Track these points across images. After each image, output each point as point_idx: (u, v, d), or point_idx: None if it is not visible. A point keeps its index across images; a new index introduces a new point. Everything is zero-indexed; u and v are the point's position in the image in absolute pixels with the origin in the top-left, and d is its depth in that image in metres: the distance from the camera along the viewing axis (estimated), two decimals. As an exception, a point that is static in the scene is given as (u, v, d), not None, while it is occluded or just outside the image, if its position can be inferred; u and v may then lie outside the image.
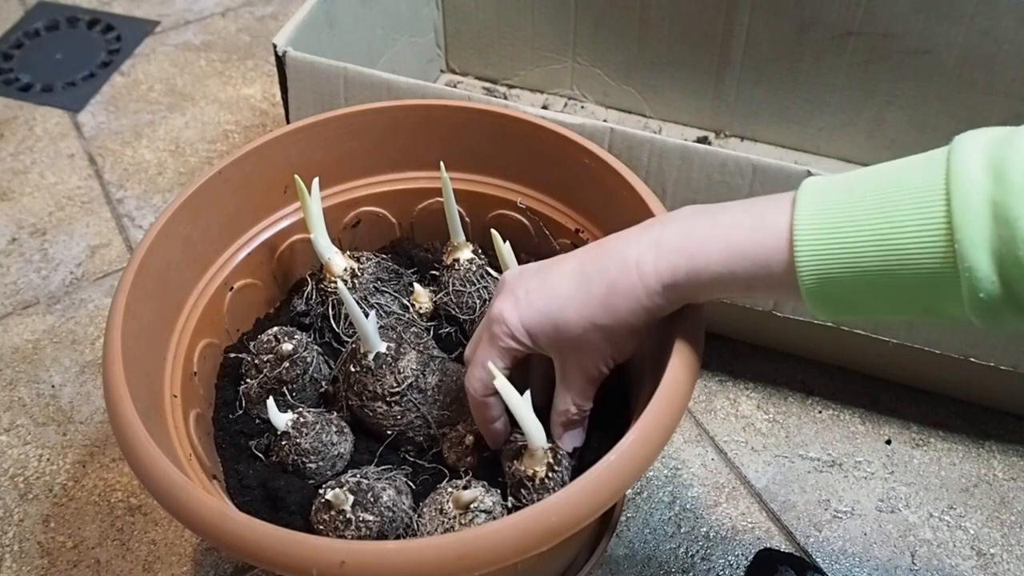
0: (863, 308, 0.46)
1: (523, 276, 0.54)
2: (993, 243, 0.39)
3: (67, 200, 1.03)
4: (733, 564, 0.73)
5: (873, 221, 0.43)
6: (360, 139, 0.70)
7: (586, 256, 0.52)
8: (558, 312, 0.51)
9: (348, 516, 0.54)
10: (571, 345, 0.53)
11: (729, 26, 0.97)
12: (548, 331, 0.52)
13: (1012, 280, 0.39)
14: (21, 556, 0.74)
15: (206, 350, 0.64)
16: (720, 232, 0.48)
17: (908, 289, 0.43)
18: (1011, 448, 0.80)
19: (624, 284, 0.49)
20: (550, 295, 0.52)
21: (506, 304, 0.53)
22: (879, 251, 0.42)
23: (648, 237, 0.50)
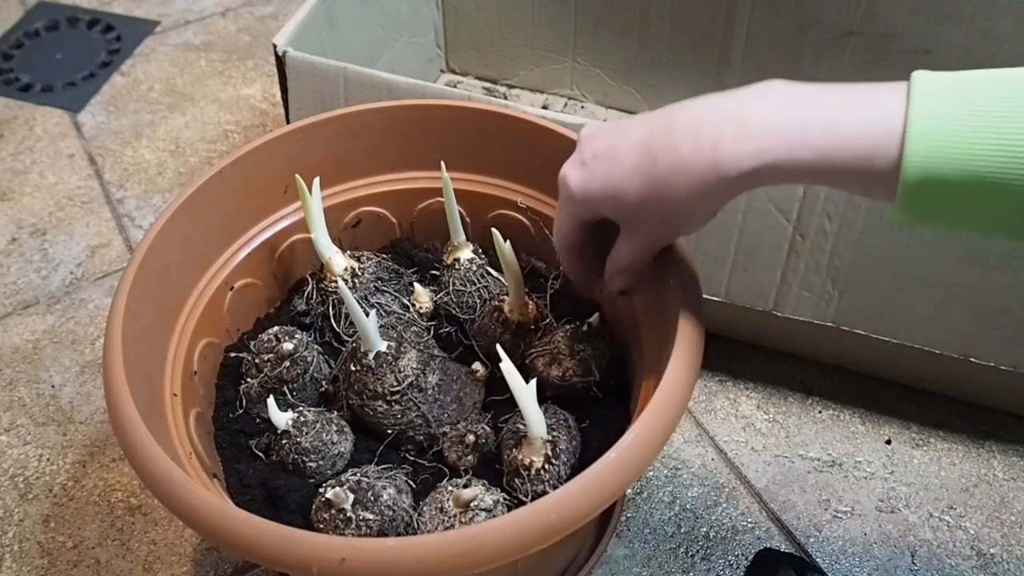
0: (955, 216, 0.42)
1: (596, 136, 0.51)
2: None
3: (67, 200, 1.03)
4: (733, 564, 0.73)
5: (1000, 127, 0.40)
6: (360, 139, 0.70)
7: (657, 123, 0.48)
8: (619, 185, 0.48)
9: (348, 515, 0.54)
10: (633, 216, 0.50)
11: (729, 26, 0.97)
12: (609, 202, 0.50)
13: None
14: (21, 556, 0.74)
15: (206, 349, 0.64)
16: (820, 115, 0.44)
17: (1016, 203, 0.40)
18: (1011, 448, 0.80)
19: (693, 165, 0.45)
20: (613, 165, 0.49)
21: (573, 168, 0.51)
22: (1003, 159, 0.40)
23: (732, 112, 0.45)
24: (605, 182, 0.49)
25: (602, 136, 0.50)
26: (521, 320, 0.66)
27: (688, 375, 0.52)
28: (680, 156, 0.46)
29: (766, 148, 0.44)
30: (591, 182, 0.50)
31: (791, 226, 0.71)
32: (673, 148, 0.46)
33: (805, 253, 0.72)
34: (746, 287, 0.75)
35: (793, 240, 0.72)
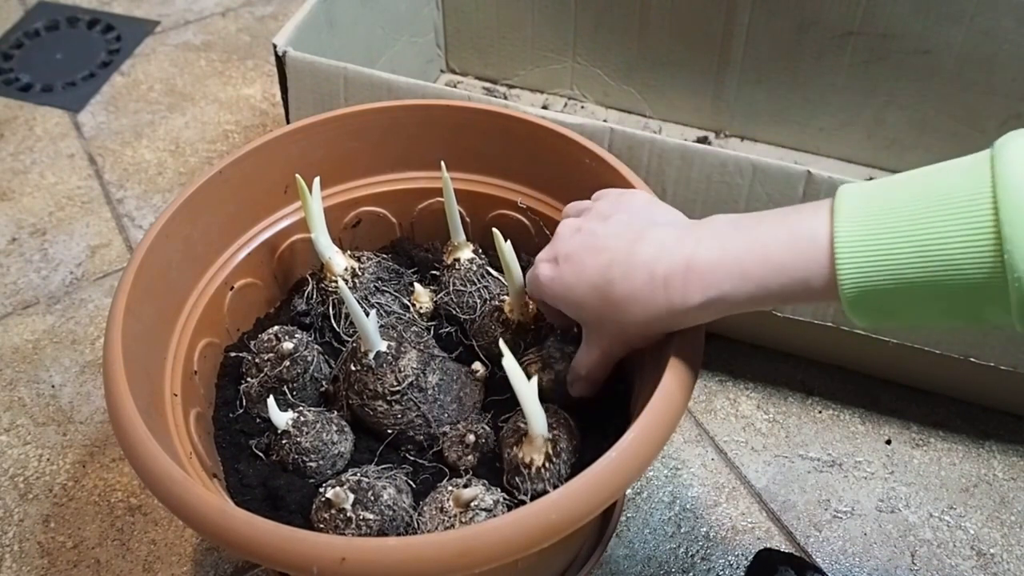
0: (905, 316, 0.45)
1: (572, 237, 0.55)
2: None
3: (67, 200, 1.03)
4: (733, 564, 0.73)
5: (917, 231, 0.42)
6: (360, 139, 0.70)
7: (621, 244, 0.51)
8: (580, 299, 0.53)
9: (348, 515, 0.54)
10: (590, 326, 0.55)
11: (729, 26, 0.97)
12: (571, 307, 0.55)
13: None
14: (21, 556, 0.74)
15: (206, 349, 0.64)
16: (756, 248, 0.47)
17: (954, 298, 0.42)
18: (1011, 448, 0.80)
19: (645, 297, 0.50)
20: (577, 278, 0.53)
21: (546, 262, 0.56)
22: (924, 262, 0.42)
23: (680, 254, 0.49)
24: (568, 288, 0.54)
25: (576, 239, 0.54)
26: (521, 320, 0.66)
27: (688, 375, 0.52)
28: (634, 287, 0.50)
29: (711, 285, 0.48)
30: (557, 283, 0.54)
31: (791, 226, 0.71)
32: (629, 279, 0.50)
33: (805, 253, 0.72)
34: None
35: (793, 240, 0.72)
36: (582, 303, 0.53)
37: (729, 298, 0.48)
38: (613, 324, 0.53)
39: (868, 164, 1.01)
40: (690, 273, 0.48)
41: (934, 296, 0.43)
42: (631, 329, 0.52)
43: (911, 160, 0.99)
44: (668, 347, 0.53)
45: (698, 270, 0.48)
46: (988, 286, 0.40)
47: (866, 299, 0.44)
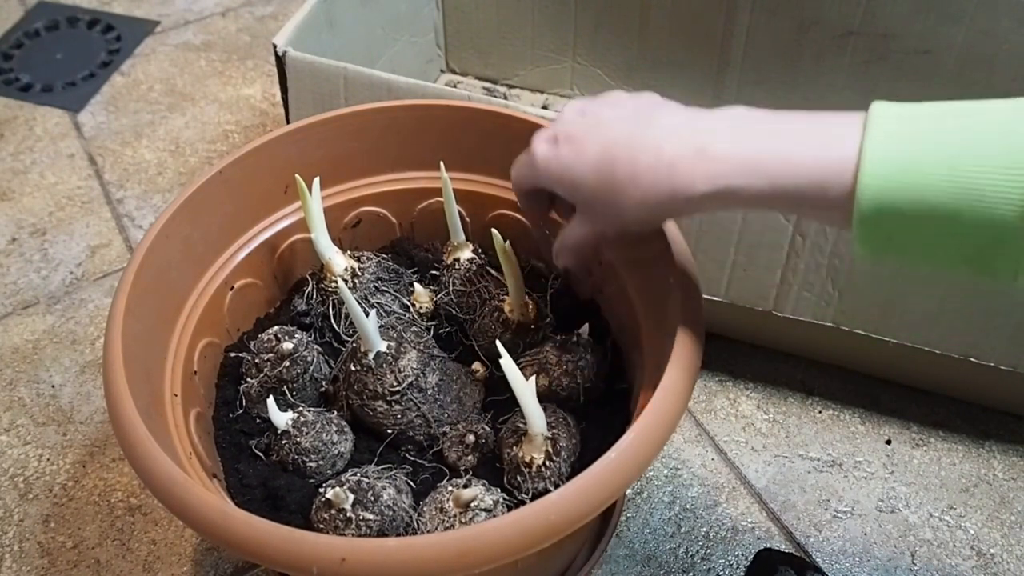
0: (914, 249, 0.43)
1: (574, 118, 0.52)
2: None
3: (67, 200, 1.03)
4: (733, 564, 0.73)
5: (954, 157, 0.40)
6: (360, 139, 0.70)
7: (627, 129, 0.49)
8: (577, 175, 0.50)
9: (348, 515, 0.54)
10: (585, 205, 0.52)
11: (729, 26, 0.97)
12: (566, 186, 0.52)
13: None
14: (21, 556, 0.74)
15: (206, 349, 0.64)
16: (776, 144, 0.45)
17: (970, 234, 0.40)
18: (1011, 448, 0.80)
19: (649, 179, 0.47)
20: (577, 155, 0.50)
21: (543, 141, 0.52)
22: (955, 189, 0.40)
23: (692, 136, 0.47)
24: (566, 167, 0.51)
25: (579, 121, 0.51)
26: (521, 320, 0.66)
27: (688, 375, 0.52)
28: (637, 169, 0.47)
29: (721, 173, 0.45)
30: (554, 162, 0.51)
31: (791, 226, 0.71)
32: (633, 160, 0.47)
33: (805, 253, 0.72)
34: (746, 287, 0.75)
35: (793, 240, 0.72)
36: (580, 183, 0.50)
37: (738, 192, 0.45)
38: (611, 207, 0.50)
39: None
40: (700, 159, 0.46)
41: (953, 230, 0.41)
42: (629, 213, 0.49)
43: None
44: (668, 347, 0.53)
45: (709, 157, 0.45)
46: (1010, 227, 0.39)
47: (881, 218, 0.42)
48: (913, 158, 0.41)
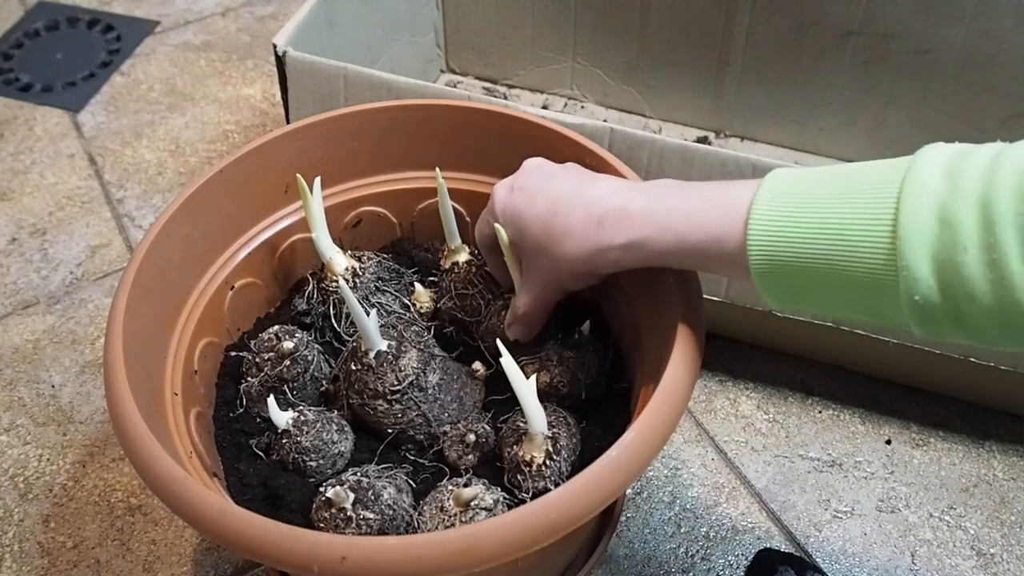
0: (810, 300, 0.47)
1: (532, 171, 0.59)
2: (933, 245, 0.40)
3: (67, 200, 1.03)
4: (733, 564, 0.73)
5: (826, 210, 0.44)
6: (360, 139, 0.70)
7: (570, 186, 0.56)
8: (525, 223, 0.57)
9: (349, 514, 0.54)
10: (529, 253, 0.58)
11: (729, 26, 0.97)
12: (514, 230, 0.58)
13: (949, 287, 0.40)
14: (21, 556, 0.74)
15: (207, 349, 0.64)
16: (684, 204, 0.50)
17: (851, 285, 0.43)
18: (1011, 448, 0.80)
19: (580, 232, 0.53)
20: (528, 203, 0.57)
21: (503, 188, 0.59)
22: (827, 240, 0.43)
23: (619, 198, 0.53)
24: (517, 214, 0.57)
25: (536, 174, 0.59)
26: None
27: (688, 375, 0.52)
28: (572, 222, 0.54)
29: (635, 228, 0.51)
30: (509, 207, 0.58)
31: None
32: (570, 214, 0.54)
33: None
34: (746, 287, 0.75)
35: (793, 240, 0.72)
36: (526, 230, 0.57)
37: (648, 244, 0.51)
38: (548, 257, 0.56)
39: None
40: (622, 216, 0.52)
41: (834, 281, 0.44)
42: (562, 264, 0.55)
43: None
44: (668, 347, 0.53)
45: (628, 214, 0.52)
46: (882, 276, 0.42)
47: (773, 273, 0.46)
48: (791, 213, 0.45)
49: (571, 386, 0.62)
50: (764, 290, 0.48)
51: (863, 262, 0.42)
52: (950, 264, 0.39)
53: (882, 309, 0.43)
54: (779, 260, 0.45)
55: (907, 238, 0.40)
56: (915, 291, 0.41)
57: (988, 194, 0.39)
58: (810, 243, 0.44)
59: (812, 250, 0.44)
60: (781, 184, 0.47)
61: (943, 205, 0.40)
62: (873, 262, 0.42)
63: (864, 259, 0.42)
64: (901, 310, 0.42)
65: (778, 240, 0.45)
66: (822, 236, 0.44)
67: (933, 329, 0.42)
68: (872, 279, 0.42)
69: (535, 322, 0.62)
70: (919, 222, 0.40)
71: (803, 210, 0.44)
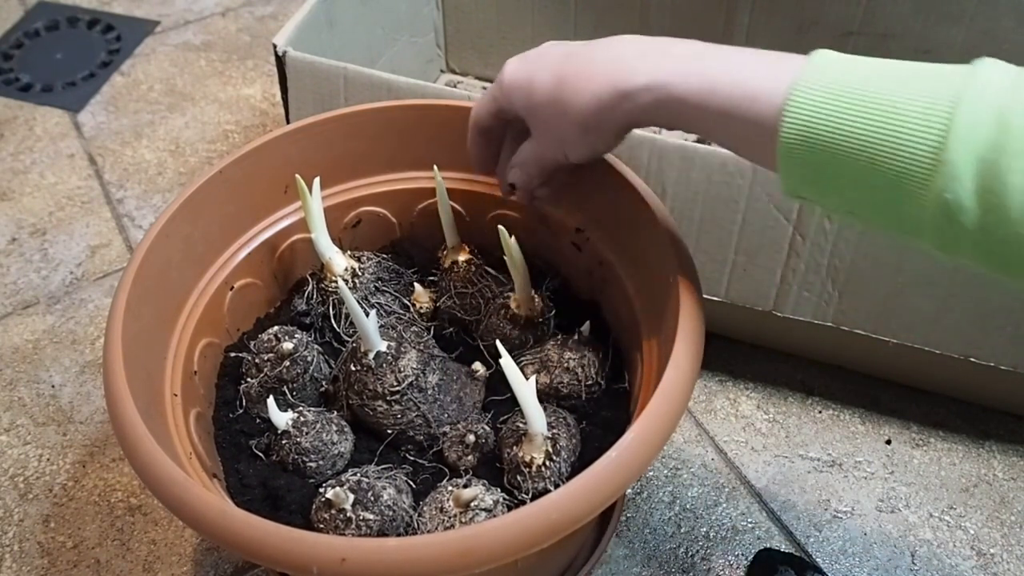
0: (829, 186, 0.44)
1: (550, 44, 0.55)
2: (983, 146, 0.39)
3: (67, 200, 1.03)
4: (733, 564, 0.73)
5: (880, 94, 0.42)
6: (360, 139, 0.70)
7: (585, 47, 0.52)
8: (534, 76, 0.53)
9: (348, 515, 0.54)
10: (536, 113, 0.54)
11: (729, 26, 0.97)
12: (522, 90, 0.54)
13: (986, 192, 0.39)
14: (21, 556, 0.74)
15: (206, 349, 0.64)
16: (722, 57, 0.47)
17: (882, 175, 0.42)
18: (1011, 448, 0.80)
19: (594, 73, 0.50)
20: (541, 59, 0.54)
21: (514, 59, 0.56)
22: (874, 123, 0.41)
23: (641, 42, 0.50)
24: (528, 75, 0.54)
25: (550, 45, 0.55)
26: (529, 315, 0.66)
27: (688, 375, 0.52)
28: (589, 63, 0.50)
29: (661, 67, 0.47)
30: (520, 72, 0.54)
31: (791, 226, 0.71)
32: (589, 56, 0.51)
33: (805, 253, 0.72)
34: (746, 287, 0.75)
35: (793, 240, 0.72)
36: (535, 83, 0.53)
37: (673, 87, 0.47)
38: (557, 107, 0.52)
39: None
40: (648, 56, 0.48)
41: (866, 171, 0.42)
42: (571, 113, 0.51)
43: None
44: (669, 347, 0.53)
45: (655, 52, 0.48)
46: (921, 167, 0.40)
47: (802, 150, 0.43)
48: (841, 88, 0.42)
49: (571, 387, 0.62)
50: (784, 165, 0.45)
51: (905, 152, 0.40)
52: (995, 168, 0.38)
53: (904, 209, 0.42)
54: (814, 135, 0.43)
55: (959, 133, 0.39)
56: (949, 190, 0.39)
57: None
58: (853, 123, 0.42)
59: (853, 131, 0.42)
60: (835, 59, 0.44)
61: (1003, 108, 0.39)
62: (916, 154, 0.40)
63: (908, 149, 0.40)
64: (925, 213, 0.41)
65: (819, 113, 0.42)
66: (869, 119, 0.41)
67: (949, 239, 0.41)
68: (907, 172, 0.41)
69: (532, 175, 0.59)
70: (976, 119, 0.39)
71: (854, 89, 0.42)
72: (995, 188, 0.38)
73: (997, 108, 0.39)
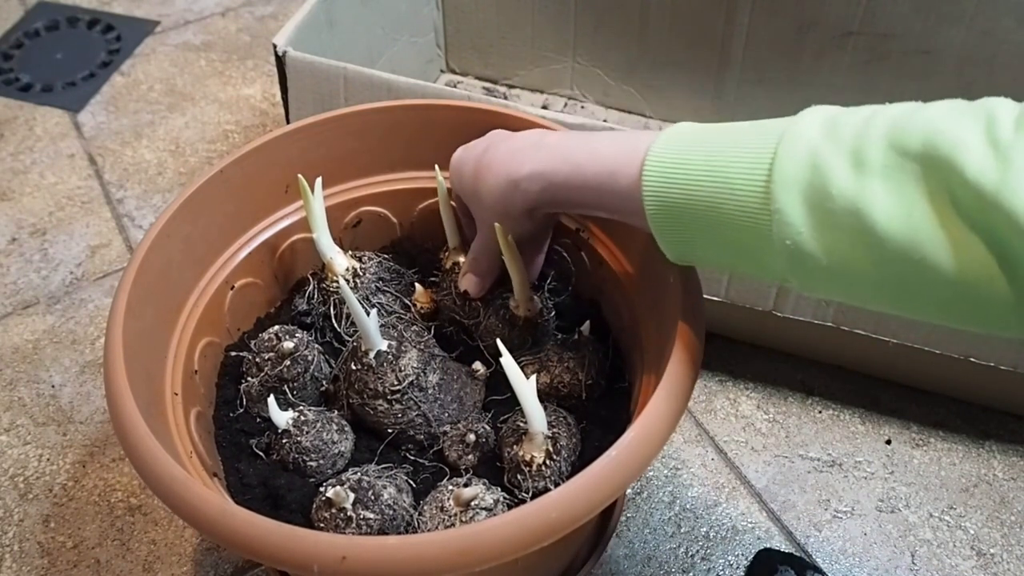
0: (699, 246, 0.47)
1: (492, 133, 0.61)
2: (805, 189, 0.40)
3: (67, 200, 1.03)
4: (733, 564, 0.73)
5: (714, 154, 0.45)
6: (360, 139, 0.70)
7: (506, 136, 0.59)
8: (462, 166, 0.60)
9: (349, 514, 0.54)
10: (465, 199, 0.61)
11: (729, 26, 0.97)
12: (456, 178, 0.61)
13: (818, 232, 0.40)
14: (21, 556, 0.74)
15: (207, 349, 0.64)
16: (591, 143, 0.52)
17: (733, 230, 0.44)
18: (1011, 448, 0.80)
19: (498, 164, 0.56)
20: (470, 151, 0.60)
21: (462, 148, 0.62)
22: (711, 182, 0.45)
23: (538, 135, 0.56)
24: (459, 162, 0.61)
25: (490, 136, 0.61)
26: (528, 315, 0.66)
27: (688, 375, 0.52)
28: (495, 156, 0.56)
29: (542, 160, 0.54)
30: (456, 159, 0.61)
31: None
32: (496, 149, 0.57)
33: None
34: (746, 287, 0.75)
35: (793, 240, 0.72)
36: (462, 173, 0.60)
37: (549, 175, 0.53)
38: (475, 196, 0.58)
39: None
40: (534, 148, 0.55)
41: (718, 226, 0.45)
42: (485, 201, 0.57)
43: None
44: (669, 347, 0.53)
45: (540, 147, 0.54)
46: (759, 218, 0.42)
47: (663, 214, 0.47)
48: (683, 155, 0.47)
49: (571, 386, 0.62)
50: (658, 234, 0.49)
51: (741, 204, 0.43)
52: (820, 209, 0.40)
53: (762, 257, 0.44)
54: (670, 203, 0.46)
55: (780, 180, 0.41)
56: (786, 235, 0.41)
57: (860, 144, 0.40)
58: (696, 183, 0.45)
59: (697, 190, 0.45)
60: (681, 130, 0.48)
61: (817, 151, 0.41)
62: (750, 204, 0.43)
63: (742, 201, 0.43)
64: (778, 259, 0.43)
65: (669, 179, 0.46)
66: (707, 177, 0.45)
67: (807, 279, 0.43)
68: (751, 223, 0.43)
69: (484, 270, 0.64)
70: (792, 166, 0.41)
71: (694, 152, 0.46)
72: (826, 226, 0.40)
73: (809, 150, 0.41)
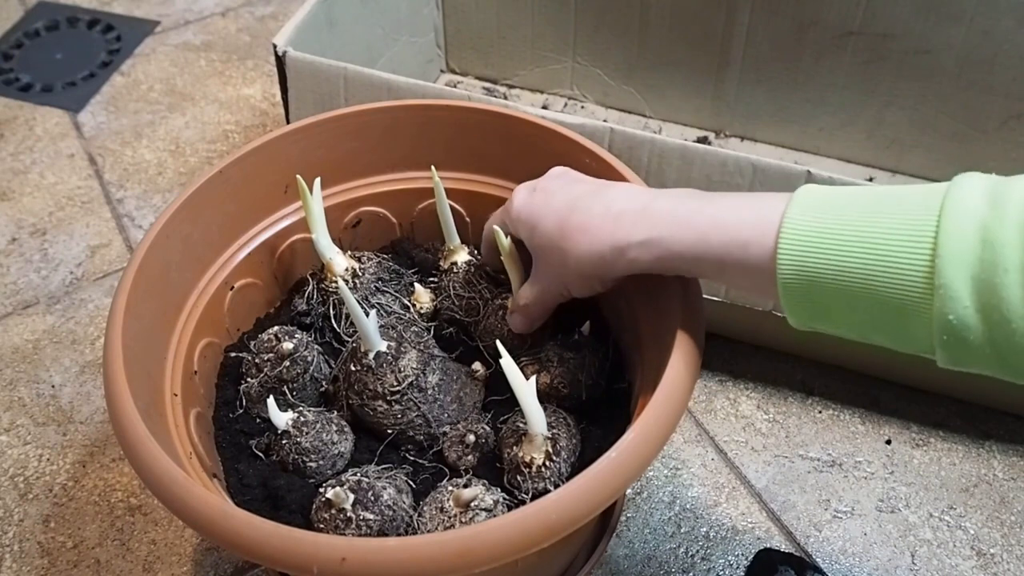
0: (834, 318, 0.46)
1: (558, 177, 0.59)
2: (974, 265, 0.39)
3: (67, 200, 1.03)
4: (733, 564, 0.73)
5: (865, 226, 0.43)
6: (360, 139, 0.70)
7: (592, 187, 0.56)
8: (540, 219, 0.56)
9: (348, 515, 0.54)
10: (539, 251, 0.58)
11: (729, 26, 0.97)
12: (527, 227, 0.58)
13: (986, 308, 0.39)
14: (21, 556, 0.74)
15: (206, 349, 0.64)
16: (711, 209, 0.49)
17: (882, 304, 0.43)
18: (1011, 448, 0.80)
19: (596, 227, 0.53)
20: (547, 201, 0.56)
21: (524, 189, 0.59)
22: (864, 256, 0.43)
23: (642, 199, 0.52)
24: (533, 213, 0.57)
25: (560, 179, 0.59)
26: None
27: (688, 375, 0.52)
28: (589, 218, 0.53)
29: (656, 225, 0.50)
30: (525, 207, 0.58)
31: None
32: (588, 210, 0.54)
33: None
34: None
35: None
36: (540, 227, 0.56)
37: (667, 242, 0.50)
38: (559, 255, 0.55)
39: (868, 164, 1.01)
40: (642, 214, 0.51)
41: (865, 300, 0.43)
42: (572, 262, 0.54)
43: (911, 160, 0.99)
44: (669, 347, 0.53)
45: (650, 212, 0.51)
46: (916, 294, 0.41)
47: (801, 288, 0.45)
48: (827, 227, 0.44)
49: (571, 387, 0.62)
50: (788, 304, 0.47)
51: (899, 280, 0.42)
52: (989, 285, 0.39)
53: (909, 329, 0.43)
54: (810, 273, 0.44)
55: (947, 256, 0.40)
56: (950, 311, 0.40)
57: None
58: (845, 258, 0.43)
59: (846, 265, 0.43)
60: (816, 196, 0.46)
61: (986, 226, 0.39)
62: (910, 280, 0.41)
63: (901, 277, 0.42)
64: (931, 332, 0.41)
65: (811, 252, 0.44)
66: (858, 252, 0.43)
67: (960, 354, 0.42)
68: (905, 298, 0.42)
69: (535, 317, 0.63)
70: (961, 241, 0.40)
71: (840, 224, 0.44)
72: (994, 303, 0.39)
73: (978, 225, 0.40)
